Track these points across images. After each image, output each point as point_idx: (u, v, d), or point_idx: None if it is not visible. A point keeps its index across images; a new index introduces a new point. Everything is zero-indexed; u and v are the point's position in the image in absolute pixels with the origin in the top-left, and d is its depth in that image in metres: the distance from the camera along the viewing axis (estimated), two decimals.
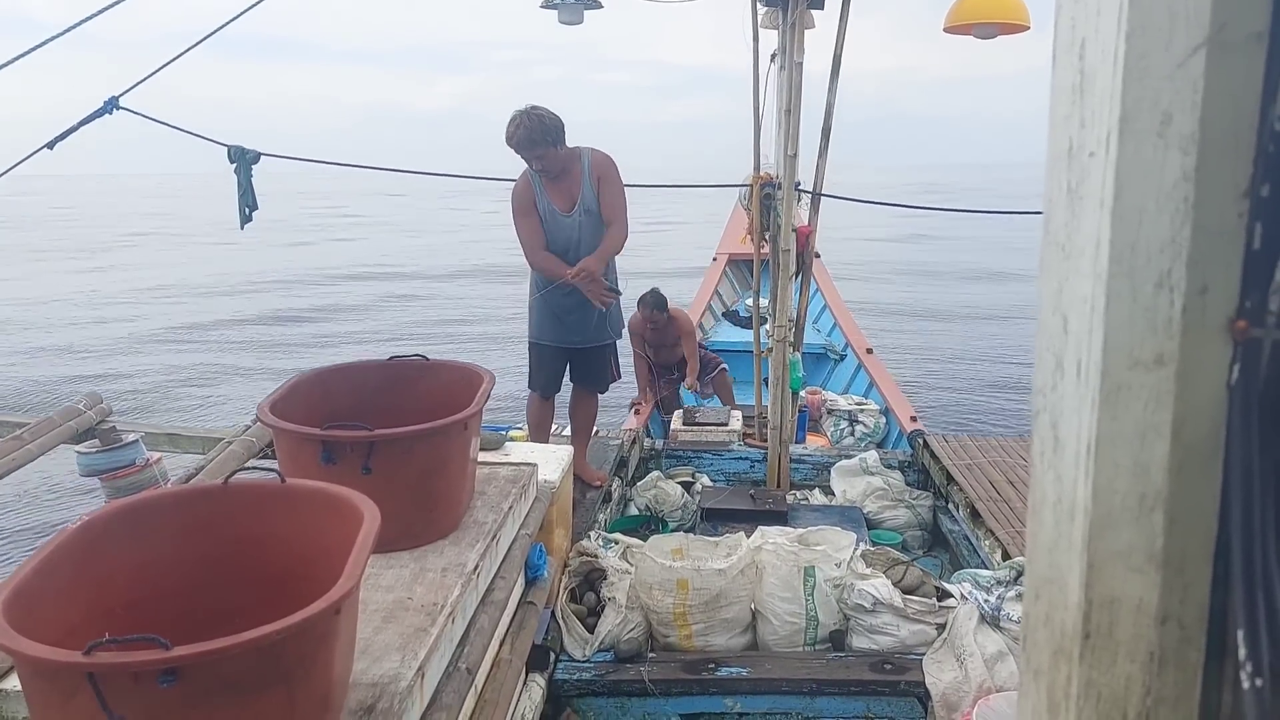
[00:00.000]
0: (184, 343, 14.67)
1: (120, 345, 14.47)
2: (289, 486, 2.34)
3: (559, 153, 4.66)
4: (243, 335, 15.24)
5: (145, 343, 14.69)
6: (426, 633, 2.46)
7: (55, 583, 1.90)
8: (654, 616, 3.81)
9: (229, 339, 14.94)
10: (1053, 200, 0.81)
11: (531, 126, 4.54)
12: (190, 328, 15.87)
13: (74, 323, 16.31)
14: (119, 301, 18.68)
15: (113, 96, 4.49)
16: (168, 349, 14.20)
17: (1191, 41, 0.68)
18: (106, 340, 14.78)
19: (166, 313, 17.25)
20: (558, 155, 4.66)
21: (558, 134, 4.62)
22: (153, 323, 16.23)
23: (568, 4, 5.80)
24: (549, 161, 4.64)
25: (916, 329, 15.36)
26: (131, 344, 14.60)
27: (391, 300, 19.05)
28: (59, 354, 13.79)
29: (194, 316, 16.85)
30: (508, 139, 4.60)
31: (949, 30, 5.43)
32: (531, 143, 4.56)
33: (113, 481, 3.99)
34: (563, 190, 4.77)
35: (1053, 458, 0.84)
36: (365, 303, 18.71)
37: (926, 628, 3.75)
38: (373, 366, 3.44)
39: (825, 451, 6.30)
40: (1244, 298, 0.71)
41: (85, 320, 16.58)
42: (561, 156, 4.68)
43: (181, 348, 14.27)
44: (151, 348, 14.30)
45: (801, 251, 5.75)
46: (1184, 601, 0.78)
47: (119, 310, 17.66)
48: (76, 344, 14.47)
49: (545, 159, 4.62)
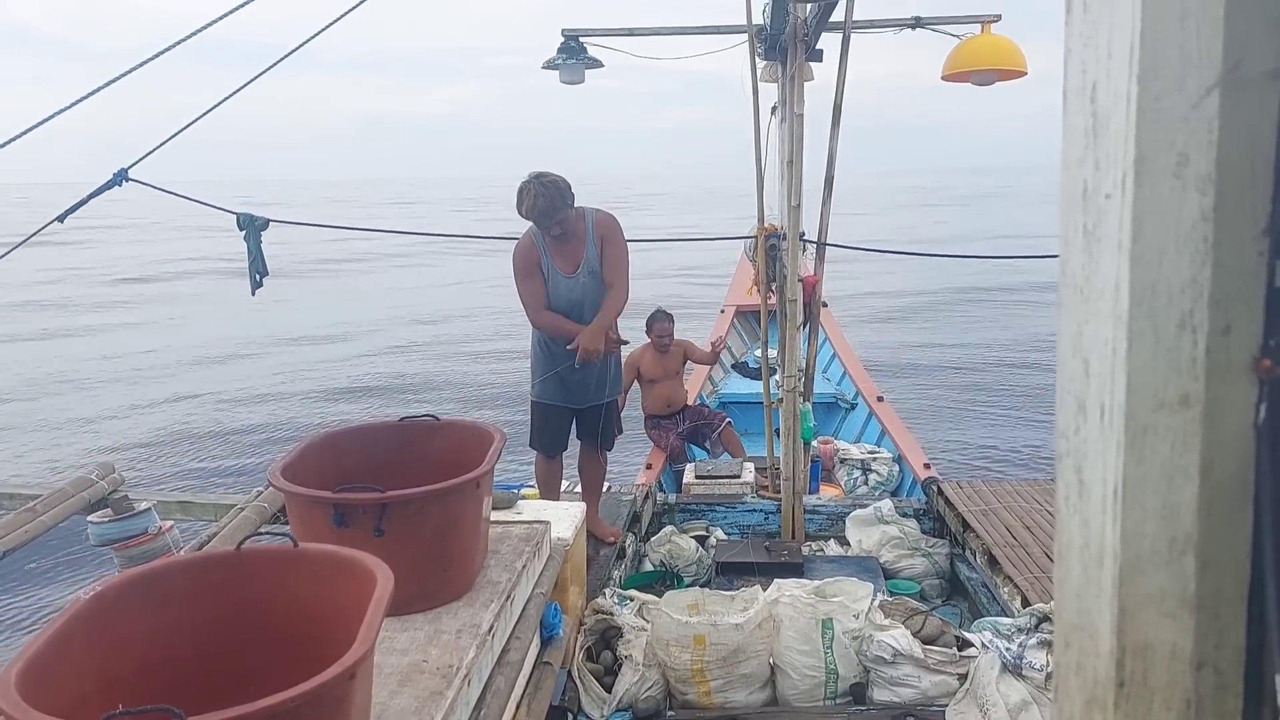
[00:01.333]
0: (195, 406, 14.68)
1: (132, 410, 14.48)
2: (302, 551, 2.33)
3: (572, 213, 4.68)
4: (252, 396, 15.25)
5: (156, 406, 14.71)
6: (442, 696, 2.44)
7: (68, 653, 1.88)
8: (671, 674, 3.76)
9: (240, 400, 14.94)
10: (1069, 242, 0.80)
11: (550, 195, 4.56)
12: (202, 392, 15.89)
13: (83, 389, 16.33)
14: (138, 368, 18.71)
15: (122, 169, 4.52)
16: (178, 412, 14.21)
17: (1205, 82, 0.68)
18: (117, 406, 14.80)
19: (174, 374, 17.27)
20: (570, 217, 4.68)
21: (570, 195, 4.65)
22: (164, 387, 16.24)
23: (569, 64, 5.88)
24: (567, 225, 4.66)
25: (926, 372, 15.32)
26: (143, 408, 14.61)
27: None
28: (70, 423, 13.80)
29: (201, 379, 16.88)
30: (526, 212, 4.61)
31: (947, 79, 5.49)
32: (553, 210, 4.58)
33: (125, 550, 3.97)
34: (567, 252, 4.77)
35: (1078, 502, 0.82)
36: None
37: (948, 678, 3.70)
38: (384, 427, 3.44)
39: (839, 501, 6.26)
40: (1268, 336, 0.70)
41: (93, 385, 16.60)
42: (572, 217, 4.70)
43: (191, 411, 14.27)
44: (162, 410, 14.31)
45: (808, 301, 5.76)
46: (1219, 646, 0.76)
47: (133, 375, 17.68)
48: (88, 413, 14.49)
49: (564, 223, 4.65)
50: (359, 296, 25.66)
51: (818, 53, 5.40)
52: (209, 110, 4.34)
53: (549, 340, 4.84)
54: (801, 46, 5.29)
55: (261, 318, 20.99)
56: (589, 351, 4.61)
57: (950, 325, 19.29)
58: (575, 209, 4.73)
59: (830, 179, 5.53)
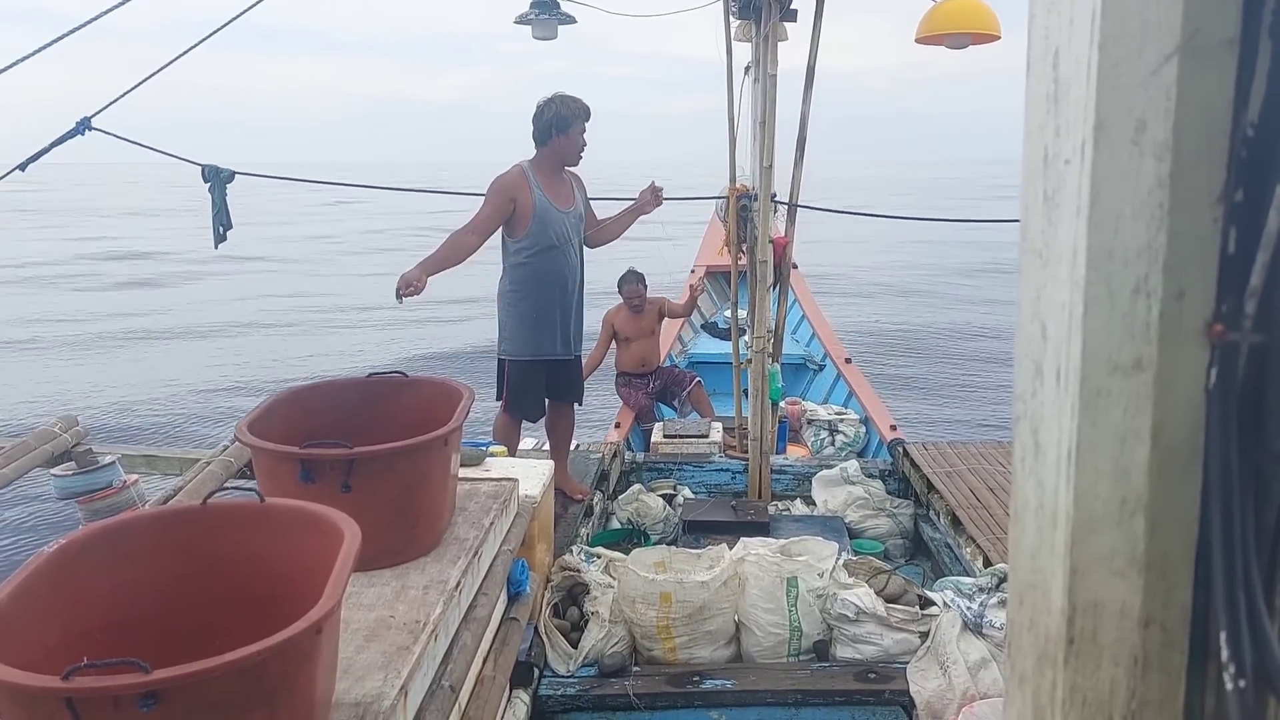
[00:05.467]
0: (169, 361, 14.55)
1: (104, 363, 14.34)
2: (268, 506, 2.32)
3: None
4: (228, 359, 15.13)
5: (124, 359, 14.57)
6: (409, 651, 2.45)
7: (32, 607, 1.88)
8: (637, 630, 3.80)
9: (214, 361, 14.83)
10: (1029, 208, 0.81)
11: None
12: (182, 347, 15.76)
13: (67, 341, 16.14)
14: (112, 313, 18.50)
15: (85, 118, 4.44)
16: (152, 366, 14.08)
17: (1164, 49, 0.69)
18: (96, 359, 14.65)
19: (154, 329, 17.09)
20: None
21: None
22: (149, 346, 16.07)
23: (540, 19, 5.82)
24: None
25: (896, 337, 15.42)
26: (114, 362, 14.47)
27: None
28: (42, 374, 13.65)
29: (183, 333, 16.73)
30: (577, 112, 4.88)
31: (921, 41, 5.46)
32: (588, 113, 4.93)
33: (90, 504, 3.95)
34: (557, 189, 4.93)
35: (1034, 464, 0.84)
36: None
37: (910, 636, 3.76)
38: (351, 384, 3.42)
39: (806, 462, 6.30)
40: (1220, 302, 0.71)
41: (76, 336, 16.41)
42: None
43: (165, 365, 14.15)
44: (135, 364, 14.18)
45: (779, 262, 5.76)
46: (1166, 605, 0.78)
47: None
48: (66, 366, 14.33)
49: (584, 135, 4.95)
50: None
51: (792, 12, 5.37)
52: (172, 61, 4.30)
53: (528, 289, 4.89)
54: (776, 5, 5.26)
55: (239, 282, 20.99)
56: (410, 284, 4.56)
57: (936, 300, 19.41)
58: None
59: (803, 140, 5.52)
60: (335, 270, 25.76)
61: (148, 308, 19.38)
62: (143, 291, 21.80)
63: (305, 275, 24.74)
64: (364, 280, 21.97)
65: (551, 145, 4.88)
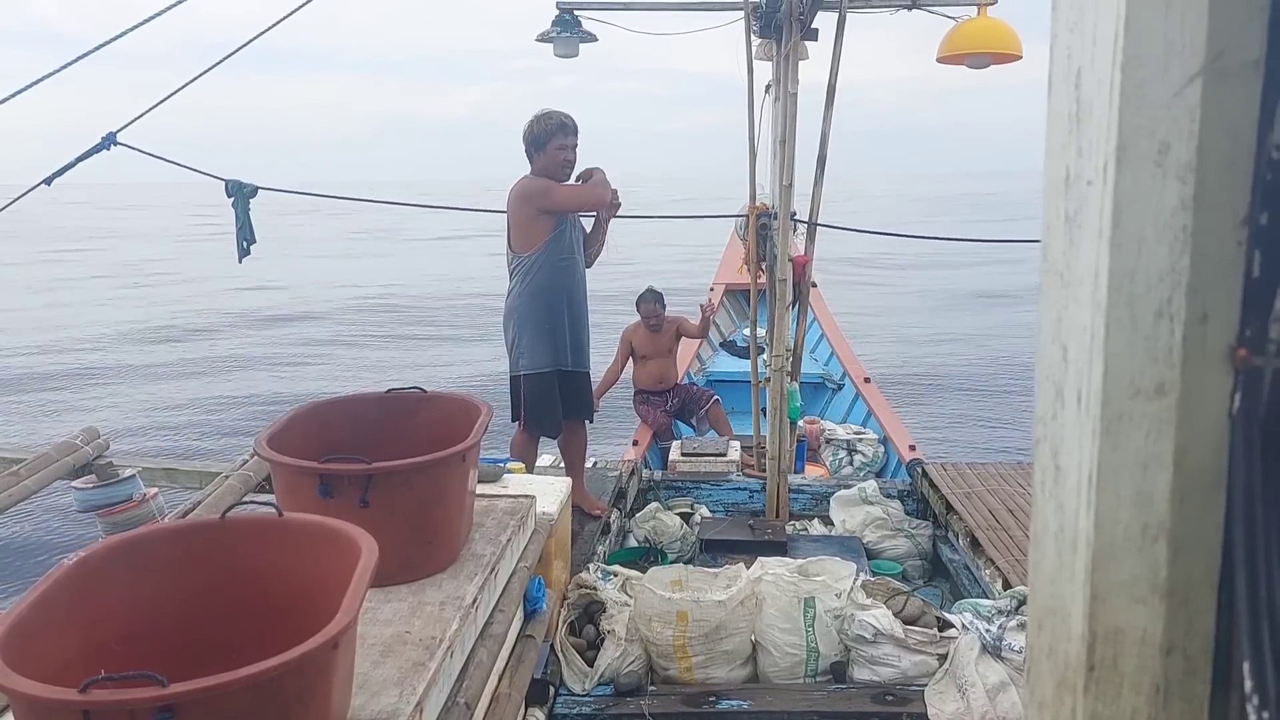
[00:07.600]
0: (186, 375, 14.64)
1: (119, 375, 14.44)
2: (286, 520, 2.33)
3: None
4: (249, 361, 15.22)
5: (144, 373, 14.66)
6: (425, 667, 2.44)
7: (51, 619, 1.88)
8: (654, 649, 3.78)
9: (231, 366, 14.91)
10: (1051, 229, 0.81)
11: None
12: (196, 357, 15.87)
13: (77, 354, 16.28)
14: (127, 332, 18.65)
15: (111, 132, 4.49)
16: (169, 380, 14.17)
17: (1188, 70, 0.68)
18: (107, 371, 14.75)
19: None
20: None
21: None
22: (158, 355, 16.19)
23: (563, 37, 5.85)
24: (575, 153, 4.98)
25: (915, 355, 15.35)
26: (131, 374, 14.57)
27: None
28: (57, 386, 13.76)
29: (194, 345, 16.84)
30: (552, 129, 4.86)
31: (942, 61, 5.46)
32: (576, 129, 4.92)
33: (109, 517, 3.97)
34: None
35: (1054, 487, 0.83)
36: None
37: (928, 658, 3.73)
38: (370, 399, 3.43)
39: (824, 481, 6.28)
40: (1244, 326, 0.70)
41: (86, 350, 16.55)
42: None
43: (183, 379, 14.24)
44: (151, 378, 14.27)
45: (798, 281, 5.76)
46: (1189, 633, 0.77)
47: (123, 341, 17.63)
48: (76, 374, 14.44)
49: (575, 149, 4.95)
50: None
51: (813, 31, 5.38)
52: (195, 78, 4.35)
53: (540, 300, 4.88)
54: (797, 25, 5.27)
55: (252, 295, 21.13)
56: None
57: (954, 323, 19.33)
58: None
59: (823, 158, 5.51)
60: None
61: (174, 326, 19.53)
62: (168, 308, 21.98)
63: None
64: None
65: (536, 162, 4.91)
